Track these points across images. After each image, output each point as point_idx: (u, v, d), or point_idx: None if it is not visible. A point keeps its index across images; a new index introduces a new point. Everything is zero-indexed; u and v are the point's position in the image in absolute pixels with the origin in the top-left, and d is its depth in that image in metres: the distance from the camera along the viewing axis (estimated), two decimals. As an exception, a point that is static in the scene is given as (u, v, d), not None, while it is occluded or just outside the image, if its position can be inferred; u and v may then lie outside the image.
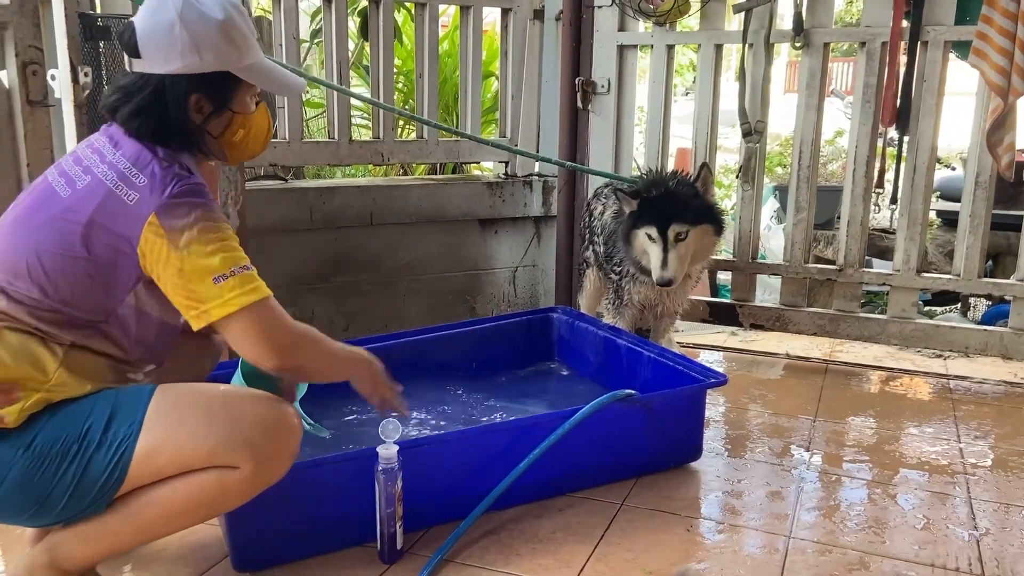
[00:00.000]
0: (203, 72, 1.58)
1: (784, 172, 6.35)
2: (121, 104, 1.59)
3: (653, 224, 2.63)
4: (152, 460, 1.50)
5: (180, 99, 1.58)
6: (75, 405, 1.51)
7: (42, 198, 1.57)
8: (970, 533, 2.02)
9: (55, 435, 1.48)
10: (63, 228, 1.51)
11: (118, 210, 1.50)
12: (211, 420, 1.52)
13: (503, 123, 3.89)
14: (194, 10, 1.55)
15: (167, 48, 1.54)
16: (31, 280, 1.52)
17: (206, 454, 1.51)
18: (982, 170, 3.04)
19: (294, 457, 1.63)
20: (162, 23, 1.54)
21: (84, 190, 1.53)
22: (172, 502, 1.54)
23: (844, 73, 15.53)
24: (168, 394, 1.55)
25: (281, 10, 3.24)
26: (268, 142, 1.80)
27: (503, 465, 1.99)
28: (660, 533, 1.99)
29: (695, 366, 2.40)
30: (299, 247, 3.37)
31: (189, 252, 1.48)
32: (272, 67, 1.71)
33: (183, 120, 1.60)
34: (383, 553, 1.85)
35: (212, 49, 1.56)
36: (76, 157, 1.61)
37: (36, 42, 2.38)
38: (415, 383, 2.64)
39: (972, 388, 3.02)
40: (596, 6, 3.47)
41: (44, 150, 2.45)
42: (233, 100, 1.65)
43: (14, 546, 1.90)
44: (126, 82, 1.61)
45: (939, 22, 2.99)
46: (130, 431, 1.49)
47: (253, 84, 1.67)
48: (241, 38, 1.61)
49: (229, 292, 1.49)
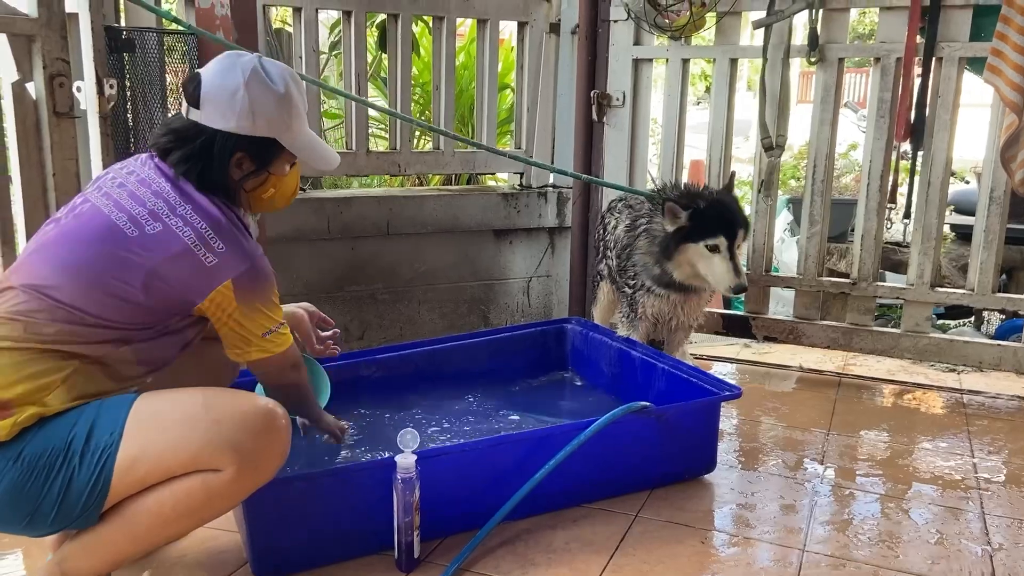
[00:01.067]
0: (252, 135, 1.70)
1: (797, 185, 6.35)
2: (173, 147, 1.70)
3: (720, 233, 2.58)
4: (134, 470, 1.53)
5: (226, 155, 1.70)
6: (62, 417, 1.55)
7: (96, 226, 1.63)
8: (983, 548, 2.03)
9: (42, 447, 1.52)
10: (124, 265, 1.60)
11: (193, 269, 1.63)
12: (191, 424, 1.56)
13: (518, 135, 3.92)
14: (260, 81, 1.69)
15: (227, 108, 1.67)
16: (72, 294, 1.57)
17: (188, 459, 1.55)
18: (996, 185, 3.05)
19: (284, 456, 1.66)
20: (229, 85, 1.67)
21: (154, 236, 1.61)
22: (162, 509, 1.57)
23: (856, 85, 15.50)
24: (149, 401, 1.60)
25: (302, 23, 3.28)
26: (293, 200, 1.95)
27: (518, 475, 2.01)
28: (674, 545, 2.01)
29: (709, 378, 2.41)
30: (316, 256, 3.40)
31: (253, 313, 1.70)
32: (314, 140, 1.84)
33: (223, 173, 1.71)
34: (400, 561, 1.87)
35: (266, 118, 1.71)
36: (131, 192, 1.66)
37: (63, 55, 2.43)
38: (431, 391, 2.70)
39: (986, 403, 3.02)
40: (612, 20, 3.50)
41: (69, 160, 2.49)
42: (273, 164, 1.79)
43: (33, 550, 1.93)
44: (179, 126, 1.72)
45: (954, 39, 3.00)
46: (111, 440, 1.53)
47: (294, 154, 1.80)
48: (295, 113, 1.75)
49: (269, 343, 1.75)
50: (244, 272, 1.66)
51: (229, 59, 1.72)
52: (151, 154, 1.75)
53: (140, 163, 1.74)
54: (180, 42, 2.67)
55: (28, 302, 1.57)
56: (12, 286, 1.60)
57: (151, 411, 1.58)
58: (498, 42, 3.82)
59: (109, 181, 1.71)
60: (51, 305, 1.56)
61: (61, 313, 1.56)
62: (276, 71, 1.73)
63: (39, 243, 1.66)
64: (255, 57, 1.74)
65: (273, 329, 1.74)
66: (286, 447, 1.66)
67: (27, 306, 1.56)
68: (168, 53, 2.68)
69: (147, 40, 2.63)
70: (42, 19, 2.37)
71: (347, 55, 3.44)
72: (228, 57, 1.73)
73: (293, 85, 1.75)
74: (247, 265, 1.67)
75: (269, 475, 1.65)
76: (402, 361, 2.73)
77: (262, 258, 1.72)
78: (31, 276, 1.60)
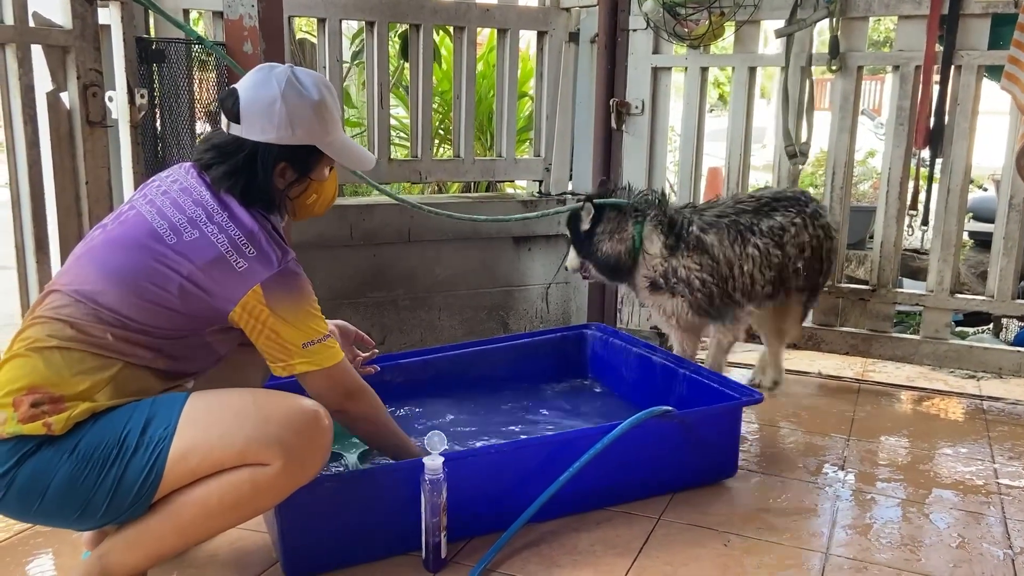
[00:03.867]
0: (293, 144, 1.74)
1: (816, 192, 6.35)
2: (215, 163, 1.74)
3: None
4: (186, 460, 1.58)
5: (269, 166, 1.74)
6: (115, 412, 1.60)
7: (139, 233, 1.68)
8: (1005, 552, 2.04)
9: (96, 440, 1.57)
10: (161, 271, 1.64)
11: (225, 274, 1.66)
12: (242, 420, 1.62)
13: (537, 143, 3.96)
14: (295, 90, 1.73)
15: (266, 120, 1.71)
16: (115, 299, 1.62)
17: (237, 452, 1.59)
18: (1016, 192, 3.06)
19: (326, 455, 1.71)
20: (265, 97, 1.71)
21: (191, 243, 1.66)
22: (208, 501, 1.61)
23: (872, 92, 15.47)
24: (201, 399, 1.66)
25: (325, 34, 3.34)
26: (333, 204, 1.99)
27: (543, 478, 2.04)
28: (697, 548, 2.03)
29: (730, 384, 2.43)
30: (339, 262, 3.45)
31: (289, 322, 1.70)
32: (349, 143, 1.89)
33: (268, 184, 1.76)
34: (428, 562, 1.90)
35: (305, 126, 1.75)
36: (173, 200, 1.71)
37: (96, 65, 2.49)
38: (454, 395, 2.73)
39: (1006, 409, 3.02)
40: (631, 29, 3.54)
41: (102, 168, 2.55)
42: (314, 170, 1.83)
43: (64, 547, 1.98)
44: (220, 141, 1.77)
45: (972, 47, 3.02)
46: (165, 434, 1.58)
47: (333, 158, 1.84)
48: (330, 118, 1.79)
49: (314, 355, 1.74)
50: (273, 276, 1.68)
51: (263, 72, 1.77)
52: (194, 163, 1.80)
53: (184, 171, 1.79)
54: (208, 53, 2.72)
55: (73, 305, 1.62)
56: (58, 289, 1.66)
57: (204, 407, 1.63)
58: (518, 51, 3.86)
59: (154, 189, 1.76)
60: (95, 308, 1.61)
61: (105, 315, 1.61)
62: (309, 79, 1.77)
63: (86, 248, 1.72)
64: (288, 67, 1.78)
65: (316, 340, 1.74)
66: (329, 447, 1.71)
67: (72, 309, 1.62)
68: (196, 64, 2.74)
69: (176, 51, 2.68)
70: (76, 31, 2.43)
71: (370, 65, 3.49)
72: (262, 70, 1.78)
73: (326, 91, 1.79)
74: (276, 269, 1.69)
75: (314, 472, 1.69)
76: (426, 365, 2.77)
77: (295, 264, 1.74)
78: (76, 280, 1.65)
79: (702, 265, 2.69)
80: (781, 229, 2.79)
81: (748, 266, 2.73)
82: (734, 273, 2.72)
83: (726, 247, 2.72)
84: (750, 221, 2.78)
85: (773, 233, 2.77)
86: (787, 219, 2.81)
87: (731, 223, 2.75)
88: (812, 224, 2.85)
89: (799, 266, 2.82)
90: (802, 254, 2.82)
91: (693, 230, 2.71)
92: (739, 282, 2.73)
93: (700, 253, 2.70)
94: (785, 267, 2.80)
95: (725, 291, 2.73)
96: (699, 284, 2.70)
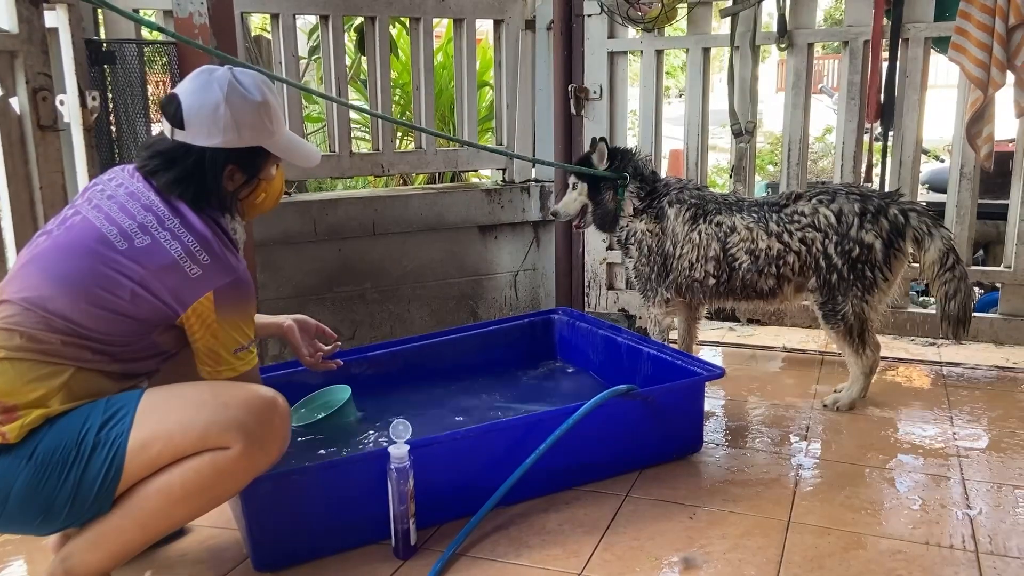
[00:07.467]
0: (240, 147, 1.75)
1: (776, 170, 6.43)
2: (161, 169, 1.74)
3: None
4: (146, 450, 1.59)
5: (218, 170, 1.75)
6: (71, 415, 1.61)
7: (87, 238, 1.67)
8: (964, 512, 2.09)
9: (54, 444, 1.57)
10: (112, 276, 1.64)
11: (178, 280, 1.67)
12: (200, 406, 1.64)
13: (499, 131, 3.97)
14: (237, 93, 1.73)
15: (211, 125, 1.72)
16: (65, 305, 1.62)
17: (197, 436, 1.61)
18: (966, 161, 3.12)
19: (286, 439, 1.73)
20: (208, 103, 1.71)
21: (143, 249, 1.66)
22: (171, 489, 1.62)
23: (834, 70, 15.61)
24: (158, 391, 1.68)
25: (280, 29, 3.32)
26: (280, 200, 2.00)
27: (510, 461, 2.06)
28: (664, 522, 2.06)
29: (694, 360, 2.47)
30: (304, 258, 3.44)
31: (229, 326, 1.72)
32: (295, 140, 1.91)
33: (218, 188, 1.77)
34: (397, 549, 1.92)
35: (250, 128, 1.76)
36: (121, 205, 1.70)
37: (45, 69, 2.46)
38: (424, 385, 2.74)
39: (965, 374, 3.09)
40: (586, 15, 3.56)
41: (55, 173, 2.52)
42: (262, 170, 1.85)
43: (35, 555, 1.97)
44: (165, 148, 1.75)
45: (919, 19, 3.07)
46: (123, 428, 1.59)
47: (280, 157, 1.86)
48: (275, 118, 1.81)
49: (238, 361, 1.76)
50: (226, 284, 1.70)
51: (203, 76, 1.76)
52: (137, 168, 1.78)
53: (128, 175, 1.78)
54: (160, 53, 2.70)
55: (22, 313, 1.61)
56: (7, 299, 1.64)
57: (161, 398, 1.65)
58: (475, 41, 3.86)
59: (98, 193, 1.75)
60: (45, 316, 1.61)
61: (55, 323, 1.61)
62: (250, 81, 1.77)
63: (31, 255, 1.70)
64: (228, 70, 1.77)
65: (244, 346, 1.77)
66: (287, 431, 1.73)
67: (21, 317, 1.61)
68: (149, 64, 2.72)
69: (127, 52, 2.66)
70: (23, 35, 2.40)
71: (326, 59, 3.48)
72: (202, 74, 1.76)
73: (268, 91, 1.79)
74: (231, 278, 1.71)
75: (274, 455, 1.71)
76: (394, 356, 2.78)
77: (246, 273, 1.76)
78: (25, 288, 1.64)
79: (651, 232, 2.83)
80: (731, 229, 2.73)
81: (687, 249, 2.78)
82: (676, 252, 2.80)
83: (677, 223, 2.78)
84: (721, 210, 2.76)
85: (722, 228, 2.74)
86: (745, 221, 2.72)
87: (697, 203, 2.79)
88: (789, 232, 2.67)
89: (750, 269, 2.71)
90: (756, 260, 2.69)
91: (664, 203, 2.82)
92: (676, 263, 2.81)
93: (656, 222, 2.83)
94: (726, 264, 2.74)
95: (663, 266, 2.83)
96: (646, 250, 2.85)
